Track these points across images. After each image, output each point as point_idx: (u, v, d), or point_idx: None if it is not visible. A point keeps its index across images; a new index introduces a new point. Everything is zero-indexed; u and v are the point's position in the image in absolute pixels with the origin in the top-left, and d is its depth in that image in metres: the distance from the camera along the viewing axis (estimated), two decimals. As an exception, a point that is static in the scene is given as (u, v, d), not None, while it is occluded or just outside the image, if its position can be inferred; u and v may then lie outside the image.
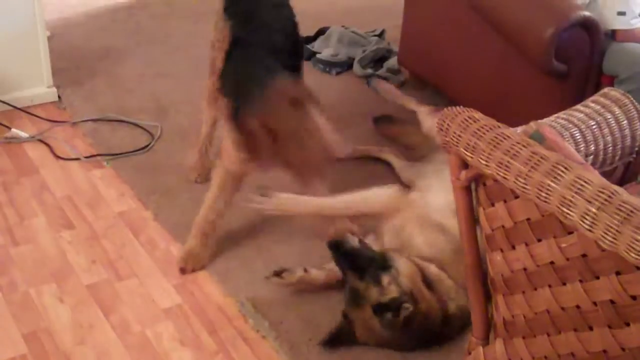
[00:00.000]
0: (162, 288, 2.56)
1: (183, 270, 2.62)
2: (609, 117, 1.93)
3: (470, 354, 1.80)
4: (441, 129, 1.55)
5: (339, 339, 2.34)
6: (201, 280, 2.61)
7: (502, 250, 1.56)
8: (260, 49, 2.62)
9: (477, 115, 1.52)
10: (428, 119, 3.02)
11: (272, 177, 2.59)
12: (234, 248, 2.72)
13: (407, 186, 2.77)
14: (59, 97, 3.68)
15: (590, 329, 1.43)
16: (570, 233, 1.37)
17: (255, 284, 2.56)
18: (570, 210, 1.28)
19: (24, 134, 3.35)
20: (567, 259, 1.40)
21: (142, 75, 3.90)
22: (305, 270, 2.50)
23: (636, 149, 1.97)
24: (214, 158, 2.99)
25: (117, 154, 3.26)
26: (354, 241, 2.36)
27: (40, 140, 3.34)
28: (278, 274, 2.48)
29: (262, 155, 2.36)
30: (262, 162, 2.42)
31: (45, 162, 3.21)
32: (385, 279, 2.27)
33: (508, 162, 1.40)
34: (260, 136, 2.30)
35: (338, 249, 2.35)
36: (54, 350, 2.30)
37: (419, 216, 2.49)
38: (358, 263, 2.32)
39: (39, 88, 3.64)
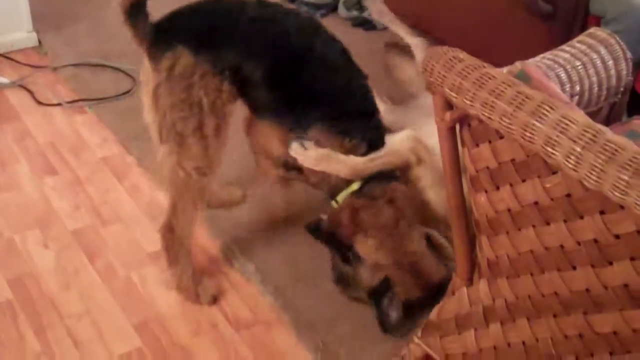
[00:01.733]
0: (147, 233, 2.56)
1: None
2: (594, 57, 1.91)
3: (454, 294, 1.81)
4: (425, 70, 1.53)
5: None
6: (186, 225, 2.60)
7: (486, 192, 1.56)
8: None
9: (462, 55, 1.50)
10: (421, 53, 2.86)
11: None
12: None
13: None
14: (39, 42, 3.62)
15: (574, 268, 1.43)
16: (554, 173, 1.37)
17: (241, 227, 2.57)
18: (555, 150, 1.27)
19: (4, 80, 3.30)
20: (552, 199, 1.39)
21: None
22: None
23: (621, 89, 1.96)
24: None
25: (99, 99, 3.23)
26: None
27: (21, 86, 3.30)
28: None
29: None
30: None
31: (27, 108, 3.17)
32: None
33: (493, 101, 1.39)
34: None
35: (317, 231, 2.28)
36: (40, 295, 2.30)
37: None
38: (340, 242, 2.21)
39: (18, 33, 3.58)
